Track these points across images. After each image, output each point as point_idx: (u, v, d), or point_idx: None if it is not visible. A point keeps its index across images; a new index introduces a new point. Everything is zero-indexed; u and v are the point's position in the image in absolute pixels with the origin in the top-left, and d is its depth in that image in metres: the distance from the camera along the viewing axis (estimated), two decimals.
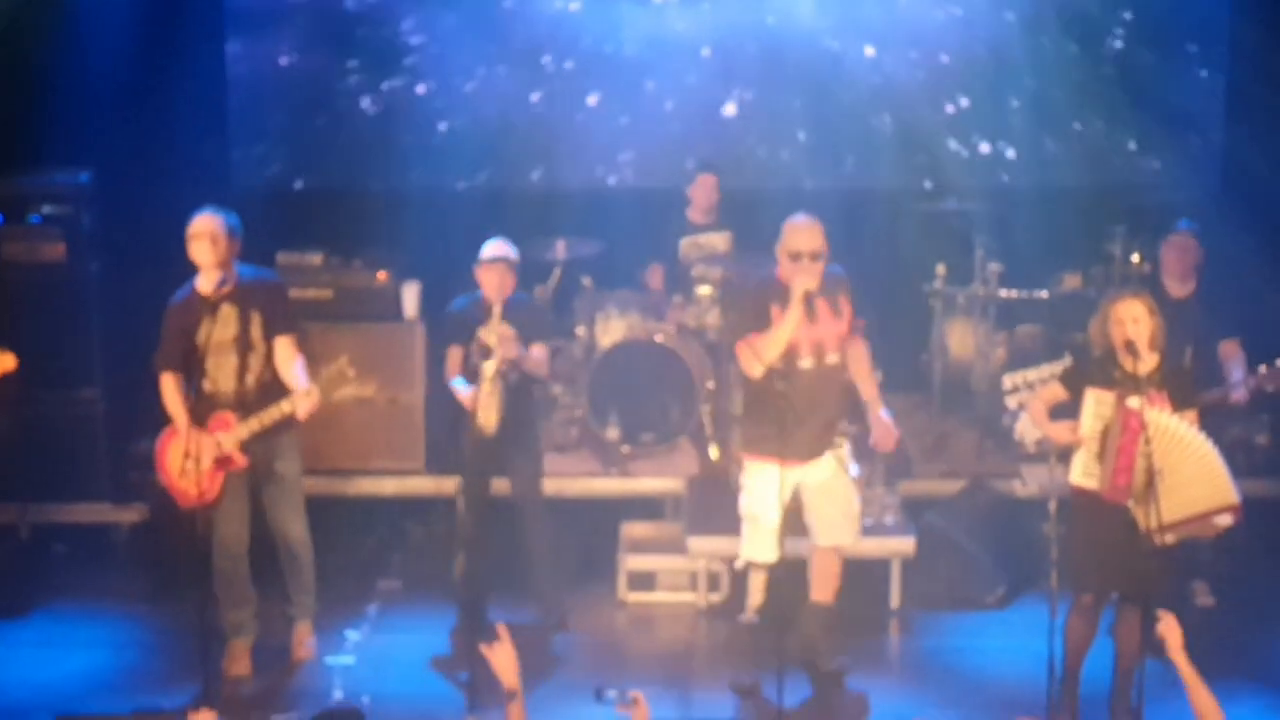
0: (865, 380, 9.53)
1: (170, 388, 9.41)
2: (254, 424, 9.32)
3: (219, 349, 9.37)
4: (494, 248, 10.07)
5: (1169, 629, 7.26)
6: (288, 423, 9.41)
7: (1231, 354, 10.27)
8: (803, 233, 9.17)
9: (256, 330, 9.41)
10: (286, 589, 9.80)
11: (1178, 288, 10.51)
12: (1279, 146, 12.34)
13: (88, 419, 11.37)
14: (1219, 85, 12.83)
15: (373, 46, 12.75)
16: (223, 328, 9.37)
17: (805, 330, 9.19)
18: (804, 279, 9.09)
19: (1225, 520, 8.59)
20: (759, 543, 9.37)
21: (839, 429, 9.50)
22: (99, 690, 9.49)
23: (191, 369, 9.34)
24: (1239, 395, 10.09)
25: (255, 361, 9.43)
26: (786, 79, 12.88)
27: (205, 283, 9.39)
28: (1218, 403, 10.00)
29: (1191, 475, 8.47)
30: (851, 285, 9.39)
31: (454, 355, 10.05)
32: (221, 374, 9.40)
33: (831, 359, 9.30)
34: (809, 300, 9.08)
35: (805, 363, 9.26)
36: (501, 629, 7.13)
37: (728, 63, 12.90)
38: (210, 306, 9.33)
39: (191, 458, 9.14)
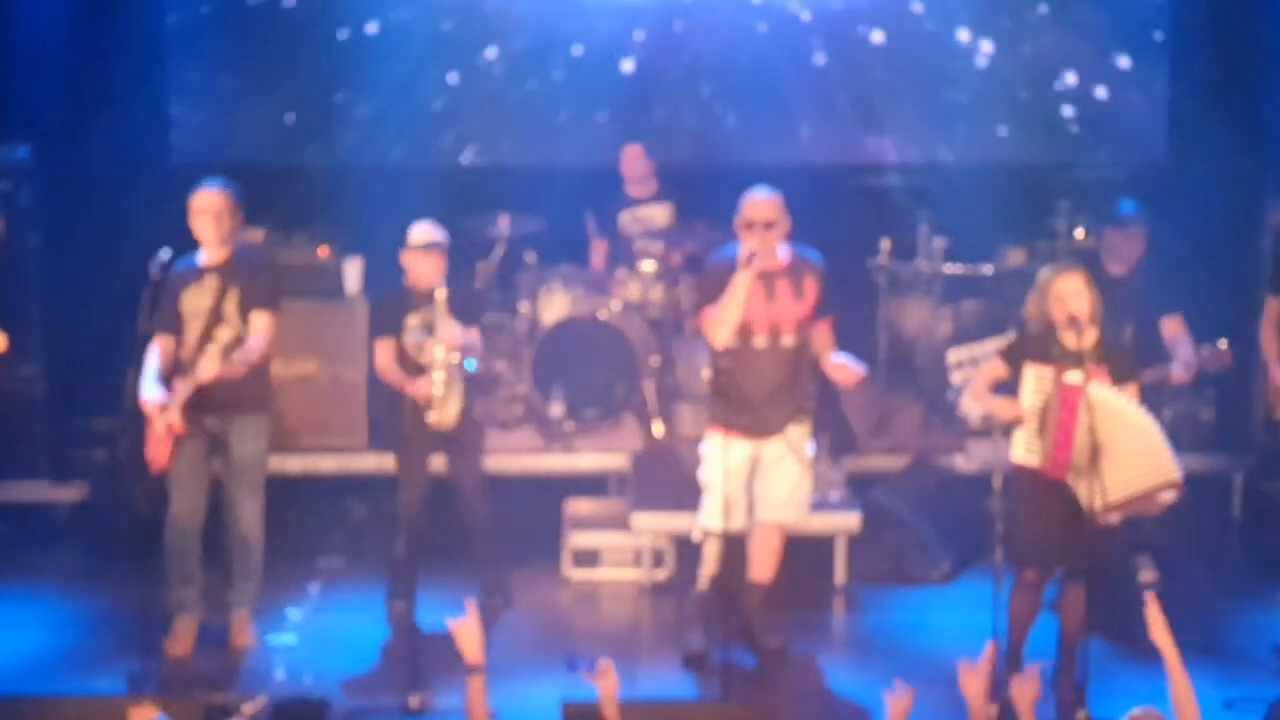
0: (819, 345, 9.49)
1: (154, 353, 9.32)
2: (182, 391, 9.24)
3: (194, 316, 9.34)
4: (426, 232, 9.98)
5: (1152, 609, 7.26)
6: (256, 403, 9.45)
7: (1176, 331, 10.30)
8: (757, 204, 9.27)
9: (232, 304, 9.35)
10: (230, 572, 9.71)
11: (1118, 266, 10.55)
12: (1222, 121, 12.40)
13: (27, 396, 11.38)
14: (1163, 60, 12.86)
15: (314, 20, 12.67)
16: (201, 297, 9.32)
17: (762, 309, 9.25)
18: (751, 243, 9.15)
19: (1169, 496, 8.61)
20: (711, 511, 9.40)
21: (800, 409, 9.46)
22: (39, 671, 9.43)
23: (180, 337, 9.33)
24: (1181, 375, 10.12)
25: (223, 334, 9.33)
26: (732, 52, 12.86)
27: (205, 255, 9.35)
28: (1160, 381, 10.05)
29: (1133, 451, 8.49)
30: (824, 274, 9.41)
31: (386, 348, 9.94)
32: (189, 342, 9.35)
33: (787, 340, 9.32)
34: (752, 262, 9.12)
35: (759, 341, 9.30)
36: (470, 604, 7.17)
37: (672, 36, 12.87)
38: (196, 275, 9.32)
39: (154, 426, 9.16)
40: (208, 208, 9.26)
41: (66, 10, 11.92)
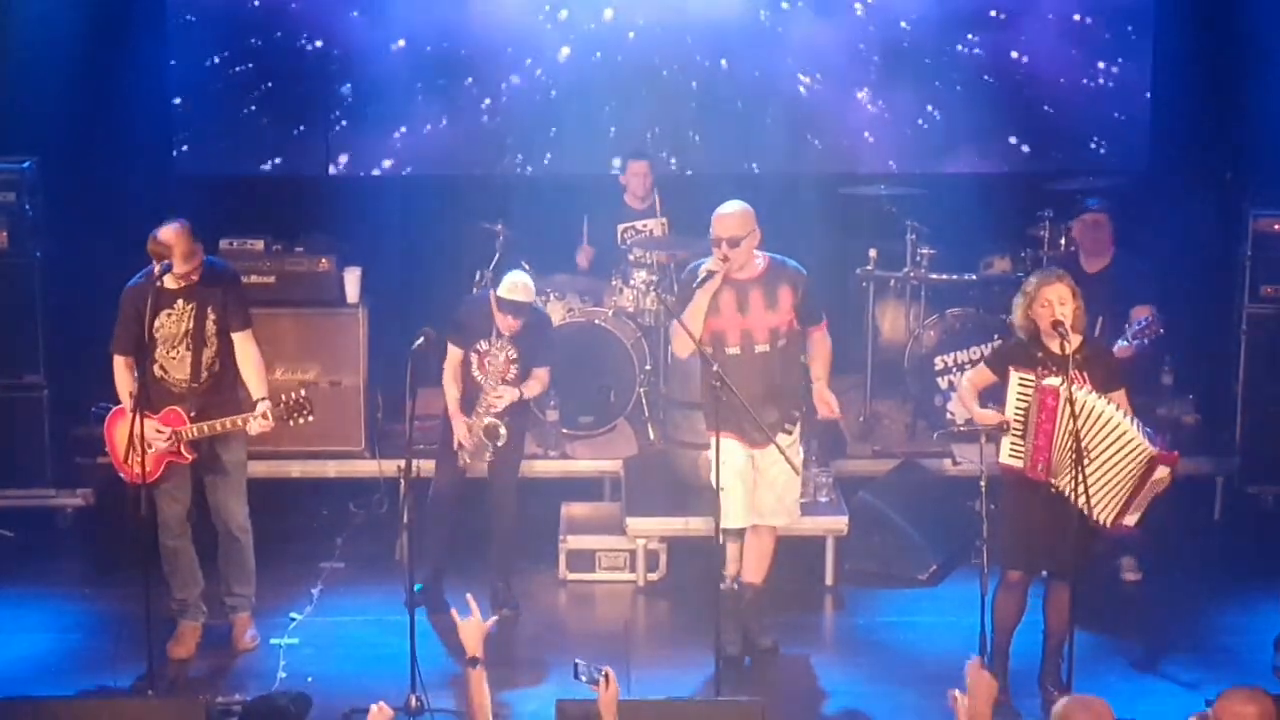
0: (816, 362, 9.58)
1: (121, 370, 9.41)
2: (204, 429, 9.36)
3: (171, 340, 9.38)
4: (513, 289, 9.97)
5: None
6: (236, 410, 9.47)
7: (1139, 314, 10.41)
8: (721, 220, 9.32)
9: (211, 325, 9.42)
10: (226, 576, 9.83)
11: (1092, 263, 10.68)
12: (1203, 131, 12.53)
13: (32, 404, 11.42)
14: (1145, 70, 12.96)
15: (313, 30, 12.72)
16: (176, 321, 9.37)
17: (733, 318, 9.33)
18: (712, 263, 9.25)
19: (1163, 475, 8.67)
20: (727, 512, 9.43)
21: (787, 417, 9.51)
22: (44, 674, 9.52)
23: (143, 354, 9.35)
24: (1123, 350, 10.06)
25: (209, 355, 9.45)
26: (723, 64, 12.96)
27: (169, 278, 9.30)
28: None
29: (1113, 453, 8.63)
30: (803, 283, 9.43)
31: (454, 355, 10.09)
32: (173, 365, 9.42)
33: (760, 349, 9.36)
34: (708, 280, 9.20)
35: (732, 350, 9.36)
36: (470, 599, 7.29)
37: (663, 47, 12.96)
38: (165, 298, 9.31)
39: (136, 443, 9.12)
40: (167, 243, 9.24)
41: (71, 23, 11.95)
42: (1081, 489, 8.49)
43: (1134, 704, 8.90)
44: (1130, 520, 8.74)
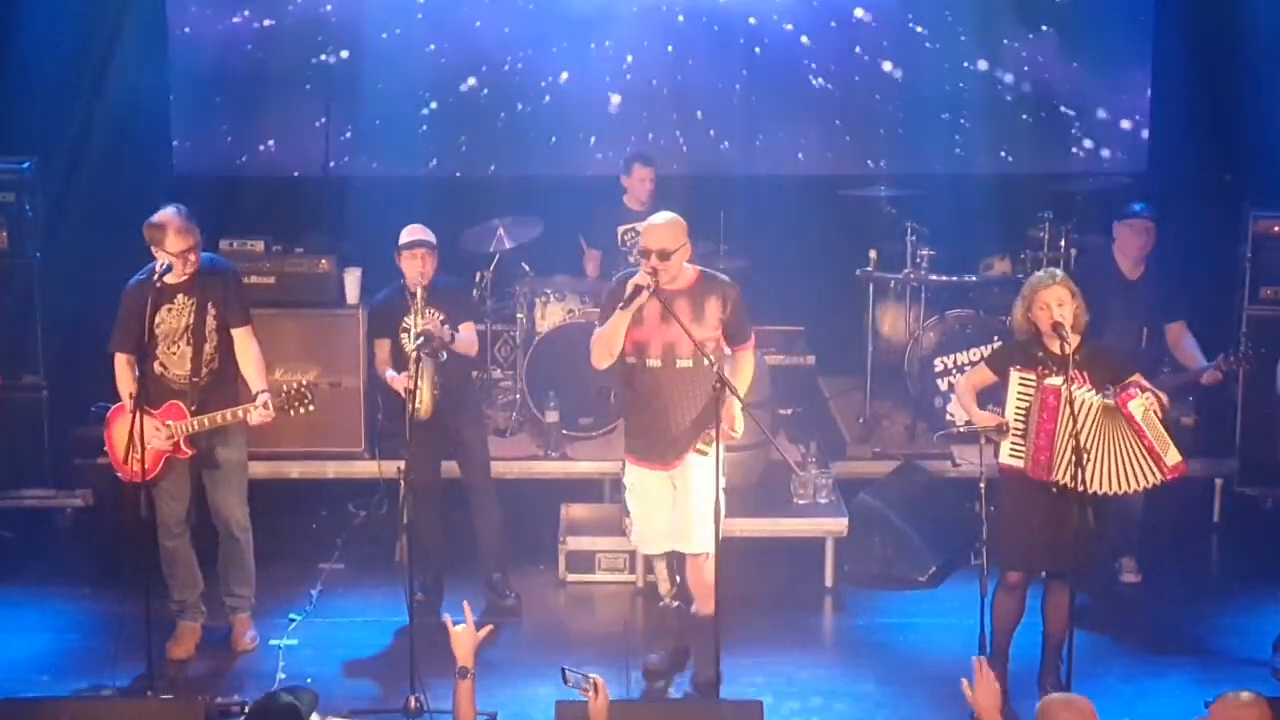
0: (733, 378, 9.10)
1: (122, 368, 9.42)
2: (205, 421, 9.37)
3: (171, 336, 9.39)
4: (410, 233, 10.06)
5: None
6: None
7: (1181, 336, 10.48)
8: (649, 231, 9.08)
9: (211, 321, 9.43)
10: (226, 577, 9.84)
11: (1132, 269, 10.70)
12: (1202, 134, 12.55)
13: (31, 405, 11.45)
14: (1146, 74, 13.00)
15: (314, 33, 12.77)
16: (176, 316, 9.38)
17: (656, 330, 9.03)
18: (640, 276, 8.99)
19: (1141, 407, 8.64)
20: (637, 536, 9.49)
21: (703, 436, 9.06)
22: (43, 674, 9.52)
23: (143, 351, 9.36)
24: (1213, 377, 10.30)
25: (209, 350, 9.46)
26: (726, 66, 12.98)
27: (170, 273, 9.31)
28: (1191, 383, 10.21)
29: (1106, 432, 8.64)
30: (733, 299, 9.11)
31: (381, 347, 10.12)
32: (173, 361, 9.43)
33: (683, 364, 9.01)
34: (634, 299, 8.89)
35: (653, 362, 9.09)
36: (465, 607, 7.39)
37: (667, 50, 12.99)
38: (165, 294, 9.32)
39: (136, 440, 9.12)
40: (165, 226, 9.27)
41: (71, 23, 12.00)
42: (1083, 488, 8.49)
43: (1134, 705, 8.93)
44: (1173, 459, 8.70)
